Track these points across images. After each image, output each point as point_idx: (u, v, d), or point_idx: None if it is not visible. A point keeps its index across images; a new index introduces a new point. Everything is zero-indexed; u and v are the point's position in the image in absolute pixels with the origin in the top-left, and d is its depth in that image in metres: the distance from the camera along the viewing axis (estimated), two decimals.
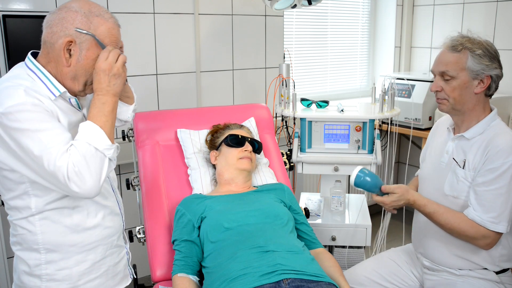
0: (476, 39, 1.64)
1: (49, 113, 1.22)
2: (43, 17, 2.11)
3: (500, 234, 1.57)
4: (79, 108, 1.38)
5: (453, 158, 1.66)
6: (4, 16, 1.99)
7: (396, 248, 1.95)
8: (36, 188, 1.26)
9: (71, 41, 1.25)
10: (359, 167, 1.70)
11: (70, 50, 1.26)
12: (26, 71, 1.29)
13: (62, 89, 1.28)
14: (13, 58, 2.03)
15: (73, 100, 1.34)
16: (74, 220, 1.33)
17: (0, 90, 1.21)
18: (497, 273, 1.64)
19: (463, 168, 1.62)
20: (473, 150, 1.61)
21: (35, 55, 1.34)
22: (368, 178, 1.68)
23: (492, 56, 1.60)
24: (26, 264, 1.33)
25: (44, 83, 1.27)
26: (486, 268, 1.64)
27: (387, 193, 1.68)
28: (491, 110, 1.66)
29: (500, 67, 1.62)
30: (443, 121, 1.84)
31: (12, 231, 1.35)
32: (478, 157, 1.59)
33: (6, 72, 2.06)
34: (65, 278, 1.33)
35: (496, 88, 1.64)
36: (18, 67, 1.31)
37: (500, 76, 1.62)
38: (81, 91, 1.33)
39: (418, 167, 1.93)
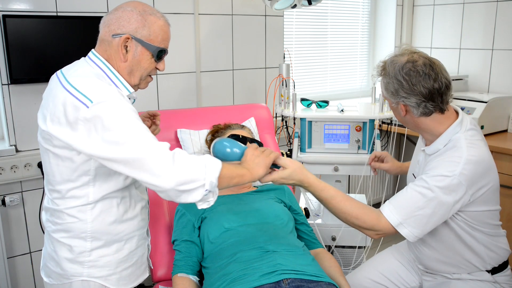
0: (394, 61, 1.50)
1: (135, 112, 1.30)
2: (43, 17, 2.12)
3: (395, 232, 1.47)
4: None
5: (413, 174, 1.64)
6: (4, 16, 1.99)
7: (397, 244, 1.91)
8: (98, 179, 1.33)
9: (128, 38, 1.33)
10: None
11: (127, 46, 1.34)
12: (95, 70, 1.34)
13: (131, 89, 1.38)
14: (13, 58, 2.03)
15: (133, 102, 1.43)
16: (119, 210, 1.39)
17: (87, 82, 1.26)
18: (492, 273, 1.62)
19: None
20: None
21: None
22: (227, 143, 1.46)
23: (401, 85, 1.46)
24: (70, 251, 1.37)
25: (114, 82, 1.34)
26: (480, 270, 1.61)
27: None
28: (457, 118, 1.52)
29: (417, 94, 1.45)
30: None
31: (56, 219, 1.38)
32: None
33: (6, 72, 2.06)
34: (106, 265, 1.40)
35: (430, 112, 1.48)
36: (85, 66, 1.36)
37: (420, 104, 1.46)
38: (136, 85, 1.42)
39: None
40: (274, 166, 1.48)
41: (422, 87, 1.45)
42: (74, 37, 2.12)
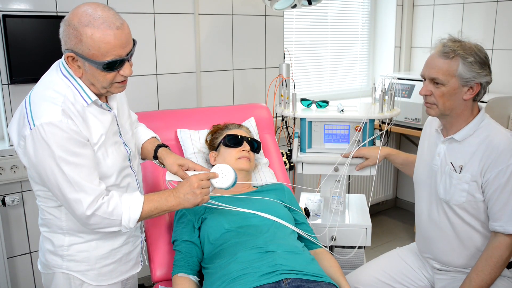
0: (467, 44, 1.58)
1: (81, 142, 1.28)
2: (43, 17, 2.13)
3: None
4: (110, 109, 1.43)
5: (451, 163, 1.64)
6: (4, 16, 1.99)
7: (402, 248, 1.94)
8: None
9: (71, 56, 1.29)
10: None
11: (77, 61, 1.30)
12: (61, 77, 1.34)
13: (94, 97, 1.35)
14: (13, 58, 2.03)
15: (104, 105, 1.40)
16: None
17: (39, 99, 1.29)
18: (509, 268, 1.63)
19: (459, 173, 1.61)
20: (469, 153, 1.59)
21: None
22: None
23: (482, 62, 1.56)
24: (51, 243, 1.44)
25: (78, 91, 1.33)
26: None
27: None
28: (479, 111, 1.64)
29: (490, 72, 1.58)
30: (430, 122, 1.82)
31: (41, 215, 1.46)
32: (477, 161, 1.57)
33: (6, 72, 2.06)
34: (84, 260, 1.44)
35: (485, 93, 1.62)
36: (54, 74, 1.35)
37: (489, 82, 1.58)
38: (104, 93, 1.38)
39: None
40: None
41: (489, 69, 1.58)
42: None
